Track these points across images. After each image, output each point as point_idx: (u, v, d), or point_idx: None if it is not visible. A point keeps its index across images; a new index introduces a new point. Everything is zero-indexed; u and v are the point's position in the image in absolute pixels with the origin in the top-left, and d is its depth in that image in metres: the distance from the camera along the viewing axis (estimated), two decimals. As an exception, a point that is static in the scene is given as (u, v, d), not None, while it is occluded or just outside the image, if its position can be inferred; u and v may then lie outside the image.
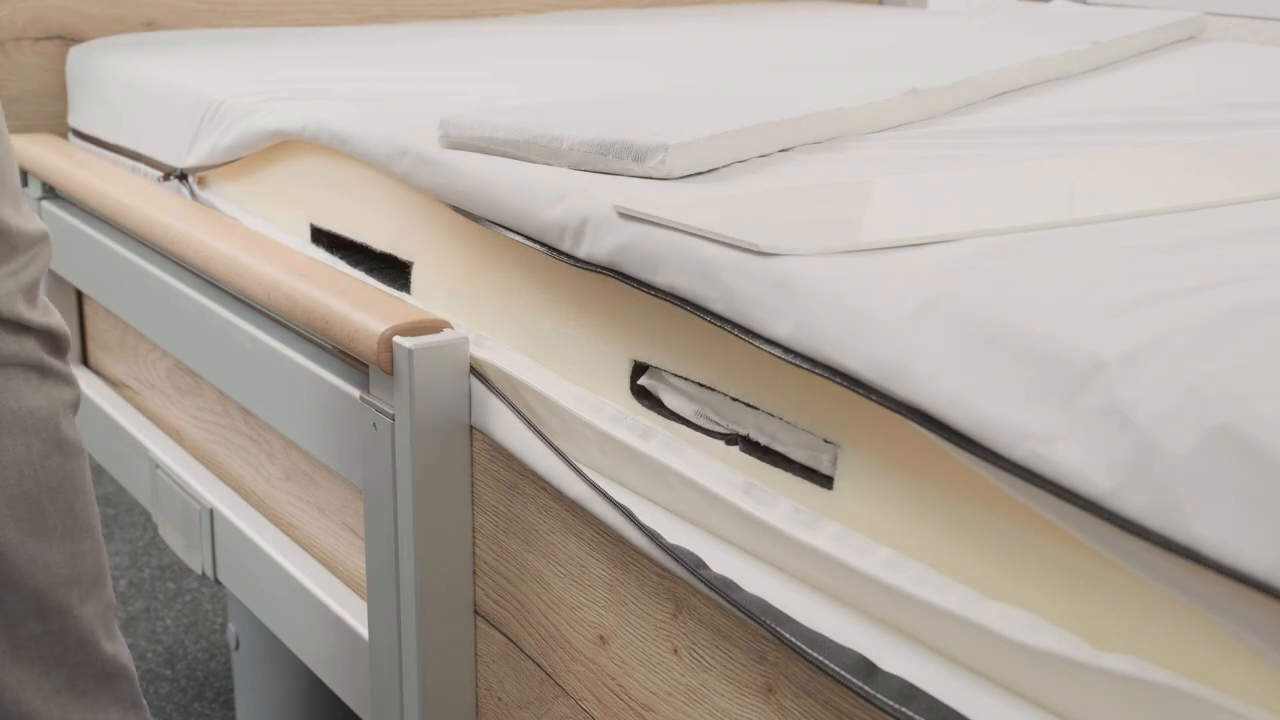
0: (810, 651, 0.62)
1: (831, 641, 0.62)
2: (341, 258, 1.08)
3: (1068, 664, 0.53)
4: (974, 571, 0.59)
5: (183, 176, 1.26)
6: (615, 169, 0.83)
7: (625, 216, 0.78)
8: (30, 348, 0.86)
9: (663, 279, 0.71)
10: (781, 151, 0.89)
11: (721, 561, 0.69)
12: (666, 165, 0.82)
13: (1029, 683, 0.56)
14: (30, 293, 0.87)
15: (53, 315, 0.88)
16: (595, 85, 1.24)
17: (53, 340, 0.88)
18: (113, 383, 1.46)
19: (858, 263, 0.64)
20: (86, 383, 1.46)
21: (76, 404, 0.89)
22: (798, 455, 0.67)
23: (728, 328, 0.67)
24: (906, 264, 0.63)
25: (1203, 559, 0.47)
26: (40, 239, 0.88)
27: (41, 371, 0.87)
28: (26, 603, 0.87)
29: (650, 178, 0.82)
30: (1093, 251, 0.65)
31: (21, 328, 0.86)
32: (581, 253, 0.77)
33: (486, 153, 0.89)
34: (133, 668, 0.93)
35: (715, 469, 0.71)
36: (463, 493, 0.91)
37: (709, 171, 0.84)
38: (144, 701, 0.94)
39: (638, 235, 0.73)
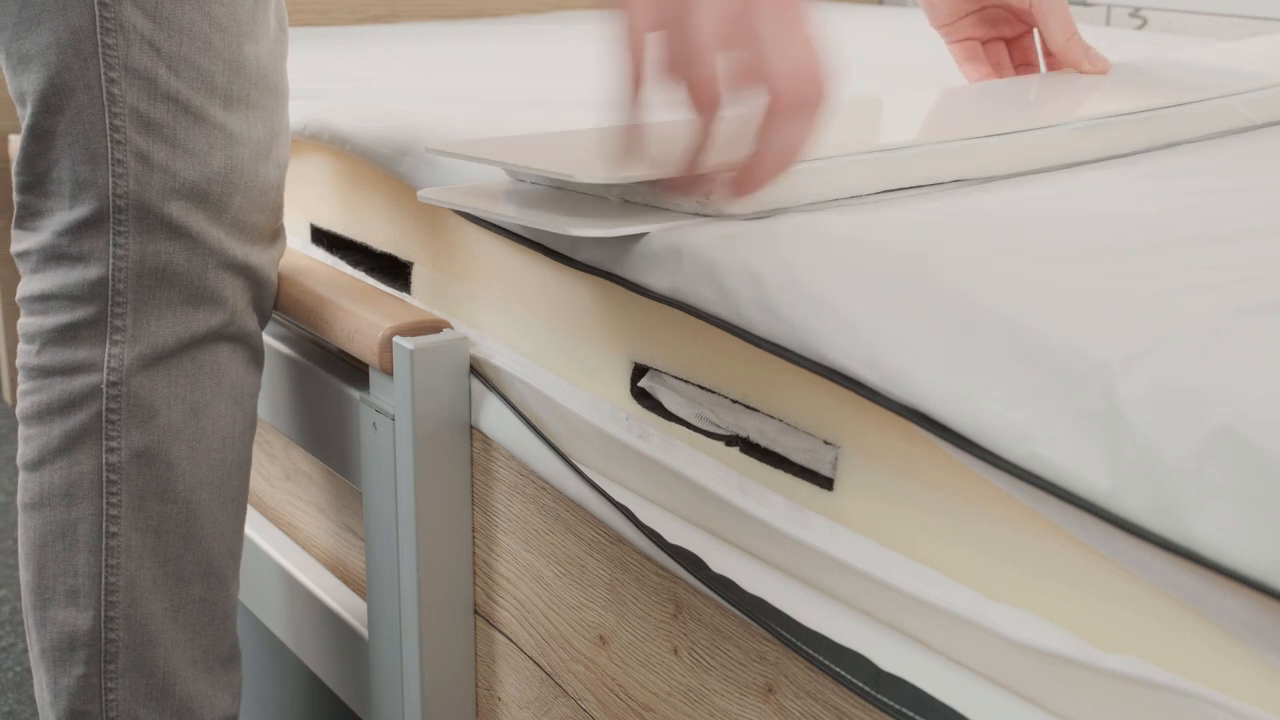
0: (810, 651, 0.62)
1: (831, 641, 0.62)
2: (341, 258, 1.08)
3: (1068, 664, 0.53)
4: (974, 571, 0.59)
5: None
6: (665, 203, 0.74)
7: (434, 153, 0.79)
8: (257, 330, 0.94)
9: (661, 282, 0.71)
10: (883, 193, 0.76)
11: (721, 561, 0.69)
12: (713, 200, 0.71)
13: (1029, 683, 0.56)
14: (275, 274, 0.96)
15: (272, 304, 0.96)
16: (591, 87, 1.24)
17: (264, 327, 0.95)
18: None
19: (853, 261, 0.64)
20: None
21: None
22: (798, 457, 0.67)
23: (726, 329, 0.67)
24: (903, 263, 0.63)
25: (1202, 560, 0.47)
26: (283, 229, 0.96)
27: (256, 353, 0.94)
28: (198, 565, 0.91)
29: (700, 214, 0.72)
30: (1092, 251, 0.65)
31: (261, 305, 0.93)
32: (580, 255, 0.77)
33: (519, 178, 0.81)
34: (242, 660, 0.96)
35: (711, 467, 0.71)
36: (463, 493, 0.91)
37: (776, 212, 0.72)
38: (240, 699, 0.97)
39: (640, 239, 0.73)
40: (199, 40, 0.85)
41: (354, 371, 1.01)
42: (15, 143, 0.88)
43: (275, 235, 0.94)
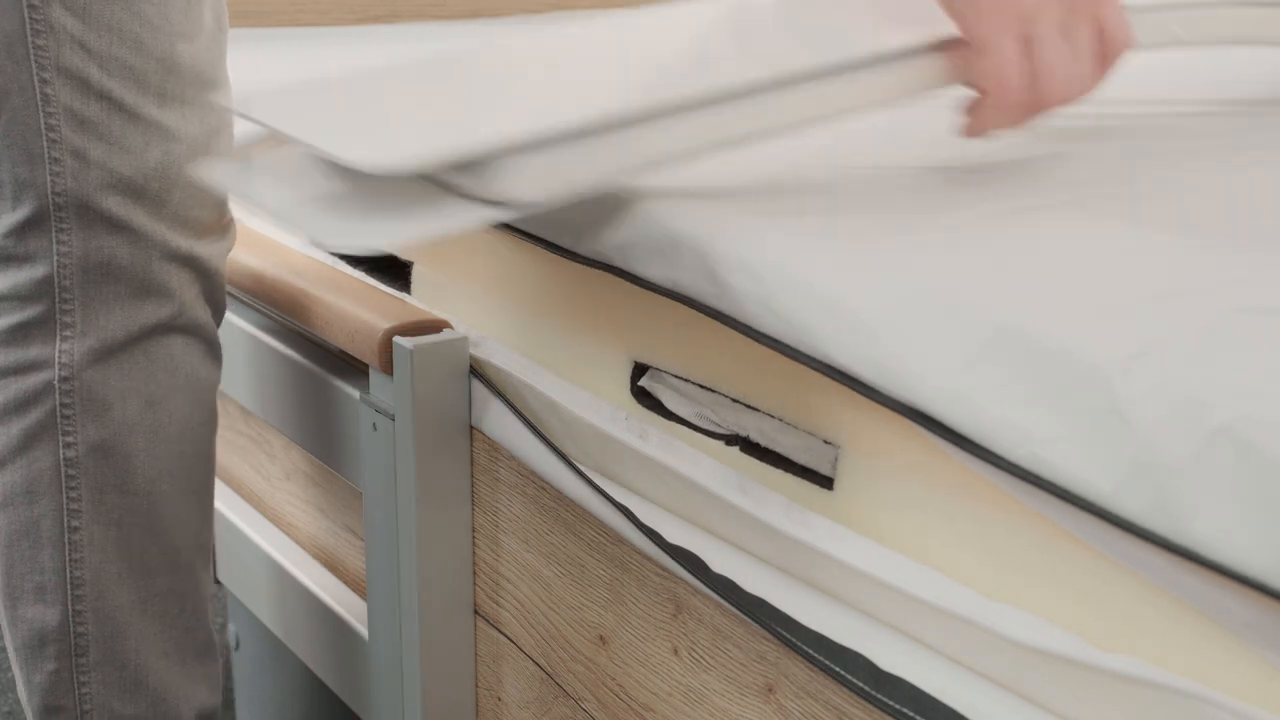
0: (810, 651, 0.62)
1: (832, 641, 0.62)
2: (341, 258, 1.08)
3: (1068, 664, 0.53)
4: (974, 571, 0.59)
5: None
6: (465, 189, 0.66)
7: (240, 115, 0.74)
8: (211, 320, 0.93)
9: (664, 275, 0.71)
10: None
11: (721, 561, 0.69)
12: (508, 190, 0.64)
13: (1029, 683, 0.56)
14: (224, 267, 0.95)
15: (225, 296, 0.96)
16: (594, 86, 1.23)
17: (219, 319, 0.95)
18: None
19: (853, 259, 0.64)
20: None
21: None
22: (798, 456, 0.67)
23: (727, 324, 0.67)
24: (903, 262, 0.63)
25: (1203, 560, 0.47)
26: (232, 219, 0.96)
27: (210, 345, 0.94)
28: (164, 557, 0.92)
29: (491, 202, 0.65)
30: (1092, 251, 0.65)
31: (213, 297, 0.93)
32: (582, 249, 0.77)
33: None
34: (219, 652, 0.97)
35: (711, 467, 0.71)
36: (463, 493, 0.91)
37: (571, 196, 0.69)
38: (221, 688, 0.97)
39: (640, 231, 0.73)
40: (129, 40, 0.85)
41: (354, 371, 1.01)
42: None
43: (223, 229, 0.94)
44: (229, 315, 1.14)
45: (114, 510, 0.89)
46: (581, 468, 0.80)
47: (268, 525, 1.20)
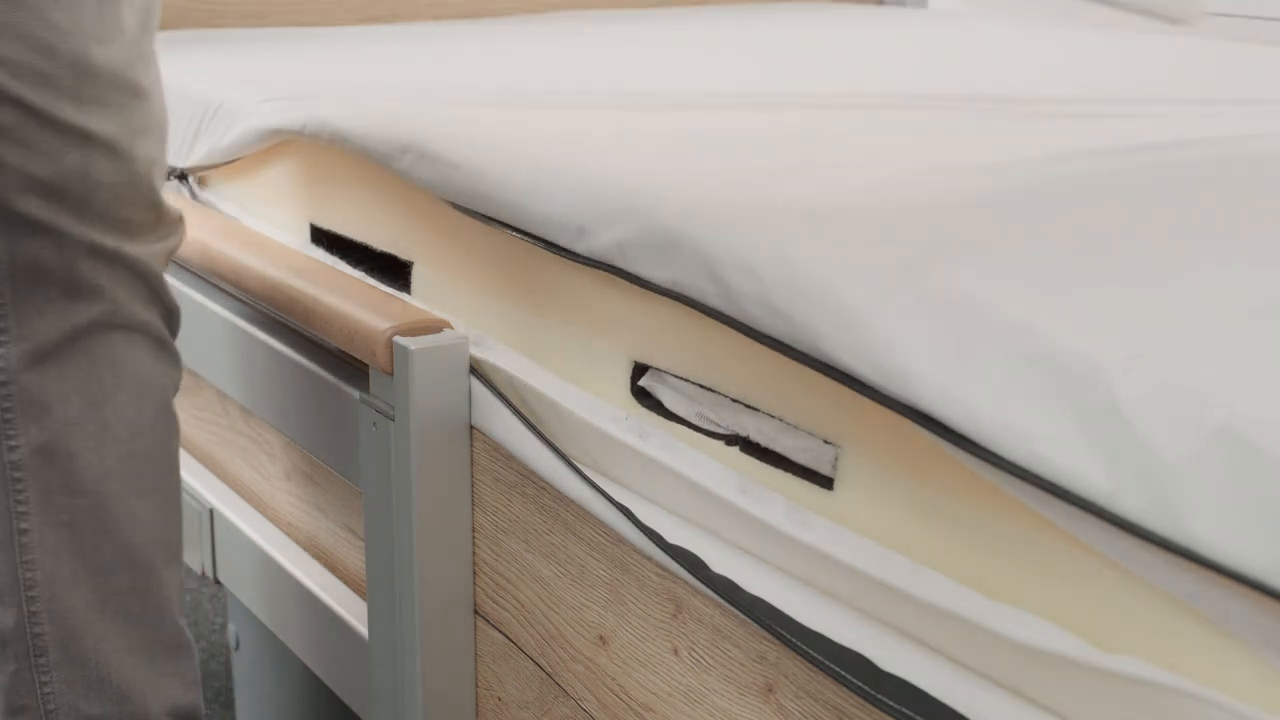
0: (810, 651, 0.62)
1: (831, 641, 0.62)
2: (341, 258, 1.08)
3: (1068, 664, 0.53)
4: (974, 571, 0.59)
5: (183, 176, 1.26)
6: None
7: None
8: (156, 320, 0.93)
9: (663, 274, 0.71)
10: None
11: (721, 561, 0.69)
12: None
13: (1029, 683, 0.56)
14: (165, 267, 0.94)
15: (173, 296, 0.95)
16: (590, 86, 1.24)
17: (171, 319, 0.95)
18: (113, 382, 1.46)
19: (853, 257, 0.64)
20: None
21: (178, 385, 0.96)
22: (798, 456, 0.67)
23: (727, 324, 0.67)
24: (903, 260, 0.63)
25: (1202, 559, 0.47)
26: (179, 219, 0.95)
27: (160, 344, 0.94)
28: (120, 555, 0.92)
29: None
30: (1092, 251, 0.65)
31: (155, 297, 0.93)
32: (581, 248, 0.77)
33: None
34: (195, 649, 0.97)
35: (711, 467, 0.71)
36: (463, 493, 0.91)
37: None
38: (200, 686, 0.97)
39: (640, 230, 0.73)
40: (38, 45, 0.85)
41: (354, 371, 1.01)
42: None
43: (166, 230, 0.93)
44: (229, 315, 1.14)
45: (63, 511, 0.90)
46: (581, 468, 0.80)
47: (267, 525, 1.20)
